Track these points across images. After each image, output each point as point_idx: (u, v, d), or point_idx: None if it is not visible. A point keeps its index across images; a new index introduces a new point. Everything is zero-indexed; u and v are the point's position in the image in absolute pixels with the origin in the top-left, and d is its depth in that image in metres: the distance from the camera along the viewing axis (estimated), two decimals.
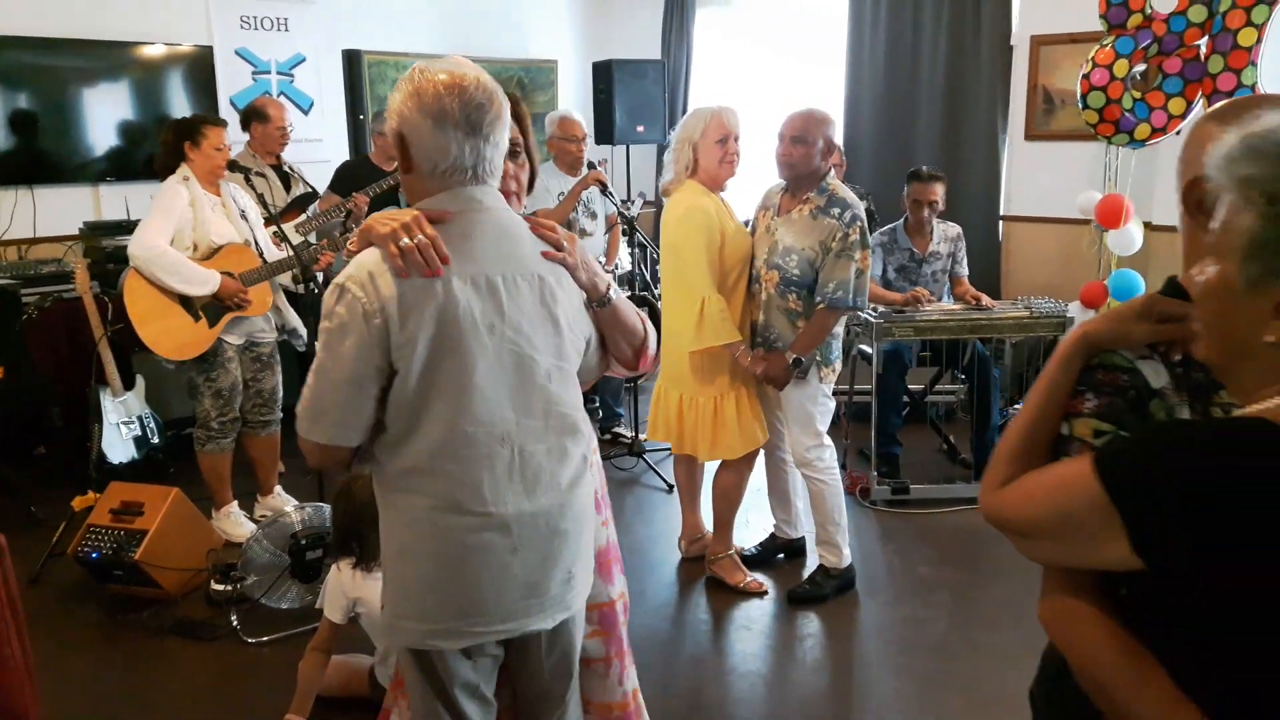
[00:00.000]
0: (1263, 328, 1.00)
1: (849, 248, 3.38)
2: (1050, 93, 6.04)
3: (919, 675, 3.21)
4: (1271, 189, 0.98)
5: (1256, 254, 0.99)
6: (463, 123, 1.67)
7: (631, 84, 6.80)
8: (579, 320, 1.87)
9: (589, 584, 1.96)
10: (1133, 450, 1.07)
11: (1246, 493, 0.95)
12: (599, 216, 5.16)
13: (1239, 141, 1.02)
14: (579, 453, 1.87)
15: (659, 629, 3.51)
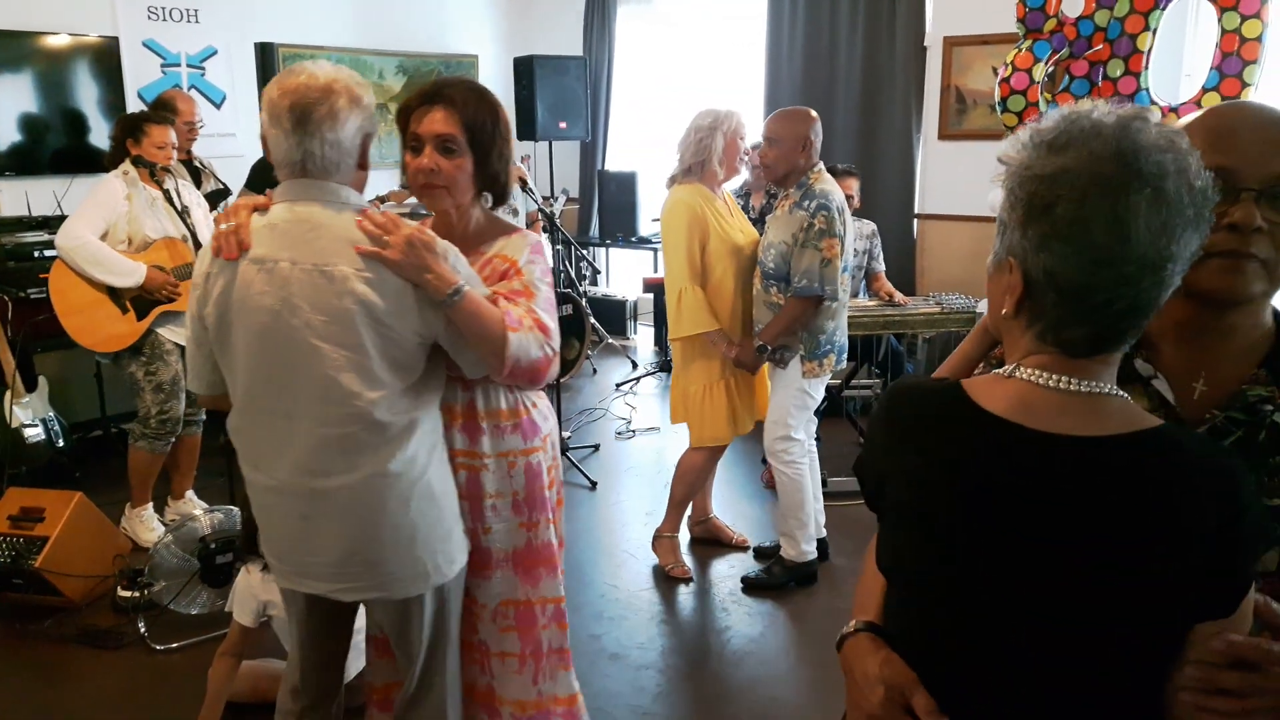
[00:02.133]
0: (1003, 302, 1.10)
1: (813, 237, 3.45)
2: (963, 93, 6.19)
3: (833, 665, 3.25)
4: (1010, 171, 1.07)
5: (999, 230, 1.10)
6: (289, 121, 1.83)
7: (553, 80, 6.78)
8: (405, 317, 1.87)
9: (420, 575, 2.01)
10: (884, 394, 1.24)
11: (904, 432, 1.14)
12: (520, 214, 5.14)
13: (1022, 132, 1.09)
14: (387, 449, 1.91)
15: (578, 627, 3.51)
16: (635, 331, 7.67)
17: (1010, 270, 1.07)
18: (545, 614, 2.30)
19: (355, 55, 6.87)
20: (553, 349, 2.00)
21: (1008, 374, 1.10)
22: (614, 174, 7.68)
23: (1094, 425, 1.05)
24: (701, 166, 3.64)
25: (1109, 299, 1.02)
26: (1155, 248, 1.00)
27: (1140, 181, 0.99)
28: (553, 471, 2.30)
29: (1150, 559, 1.01)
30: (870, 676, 1.15)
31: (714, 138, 3.60)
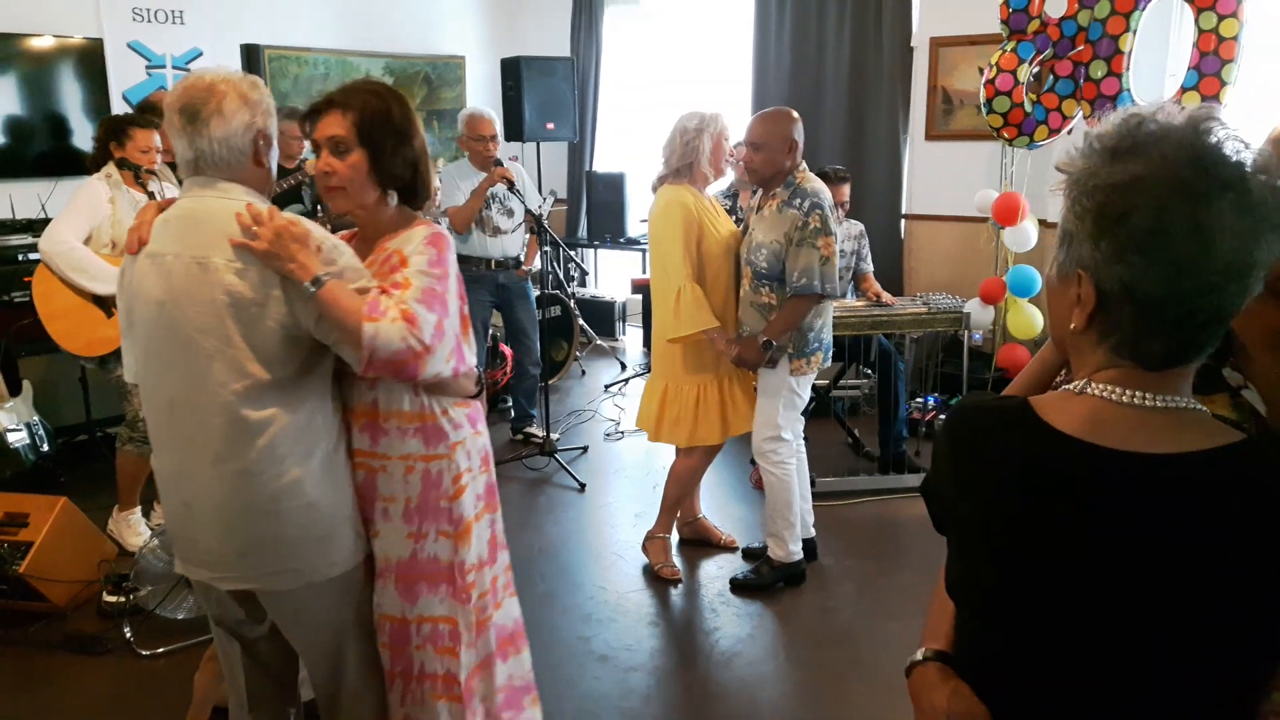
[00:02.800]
0: (1070, 316, 1.06)
1: (809, 235, 3.45)
2: (949, 93, 6.20)
3: (823, 665, 3.27)
4: (1073, 180, 1.04)
5: (1062, 242, 1.06)
6: (179, 121, 1.93)
7: (541, 81, 6.77)
8: (272, 309, 1.90)
9: (289, 571, 2.02)
10: (951, 411, 1.19)
11: (973, 453, 1.11)
12: (516, 214, 5.13)
13: (1081, 139, 1.06)
14: (252, 444, 1.93)
15: (566, 629, 3.51)
16: (624, 333, 7.67)
17: (1080, 283, 1.03)
18: (420, 634, 2.20)
19: (342, 57, 6.85)
20: (419, 340, 1.91)
21: (1078, 390, 1.06)
22: (602, 175, 7.68)
23: (1171, 442, 1.01)
24: (689, 169, 3.64)
25: (1191, 310, 0.98)
26: (1240, 255, 0.96)
27: (1221, 186, 0.95)
28: (461, 482, 2.18)
29: (1236, 579, 0.97)
30: (938, 710, 1.13)
31: (701, 140, 3.60)
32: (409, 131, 2.07)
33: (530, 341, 5.30)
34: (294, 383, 1.97)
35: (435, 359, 1.96)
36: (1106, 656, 1.02)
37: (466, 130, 4.98)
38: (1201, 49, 4.25)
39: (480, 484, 2.26)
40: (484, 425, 2.29)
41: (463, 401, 2.20)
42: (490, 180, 4.87)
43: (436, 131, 7.54)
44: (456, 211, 4.93)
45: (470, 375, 2.17)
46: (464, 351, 2.09)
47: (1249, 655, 1.00)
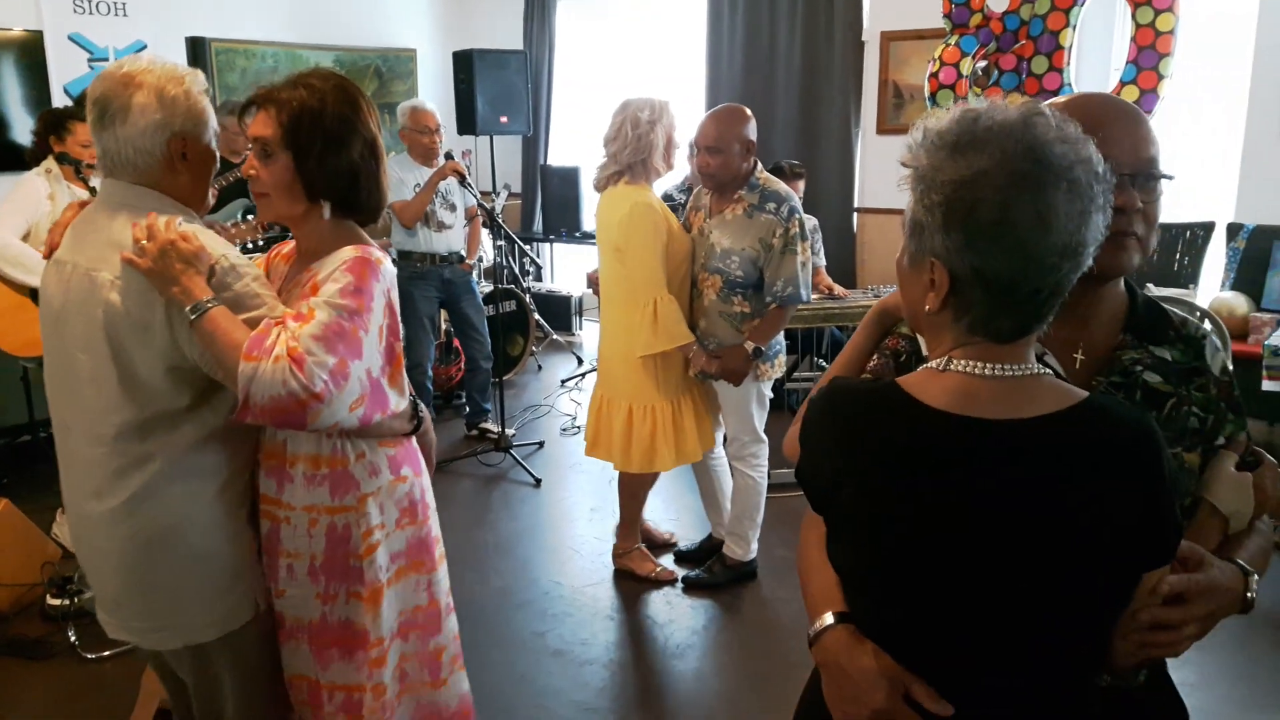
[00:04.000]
0: (924, 299, 1.14)
1: (791, 241, 3.33)
2: (900, 87, 6.26)
3: (775, 655, 3.30)
4: (919, 175, 1.10)
5: (911, 233, 1.14)
6: (91, 115, 1.80)
7: (493, 74, 6.71)
8: (152, 333, 1.72)
9: (165, 628, 1.84)
10: (816, 397, 1.25)
11: (852, 435, 1.15)
12: (458, 209, 5.10)
13: (916, 134, 1.13)
14: (122, 483, 1.75)
15: (521, 625, 3.50)
16: (581, 327, 7.66)
17: (933, 270, 1.11)
18: (333, 702, 1.94)
19: (291, 50, 6.76)
20: (303, 387, 1.62)
21: (941, 368, 1.14)
22: (556, 169, 7.65)
23: (1032, 406, 1.11)
24: (643, 165, 3.42)
25: (1036, 288, 1.07)
26: (1074, 235, 1.06)
27: (1055, 176, 1.04)
28: (372, 539, 1.90)
29: (1099, 522, 1.08)
30: (869, 670, 1.15)
31: (655, 132, 3.39)
32: (344, 136, 1.80)
33: (480, 335, 5.27)
34: (182, 417, 1.77)
35: (331, 407, 1.68)
36: (995, 617, 1.11)
37: (409, 123, 4.94)
38: (1139, 43, 4.33)
39: (400, 540, 1.97)
40: (414, 467, 2.01)
41: (391, 441, 1.95)
42: (442, 173, 4.84)
43: (388, 125, 7.46)
44: (405, 206, 4.89)
45: (402, 414, 1.92)
46: (386, 396, 1.82)
47: (1114, 585, 1.13)
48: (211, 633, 1.85)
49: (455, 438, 5.44)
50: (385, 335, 1.82)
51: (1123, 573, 1.13)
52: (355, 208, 1.88)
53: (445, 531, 4.34)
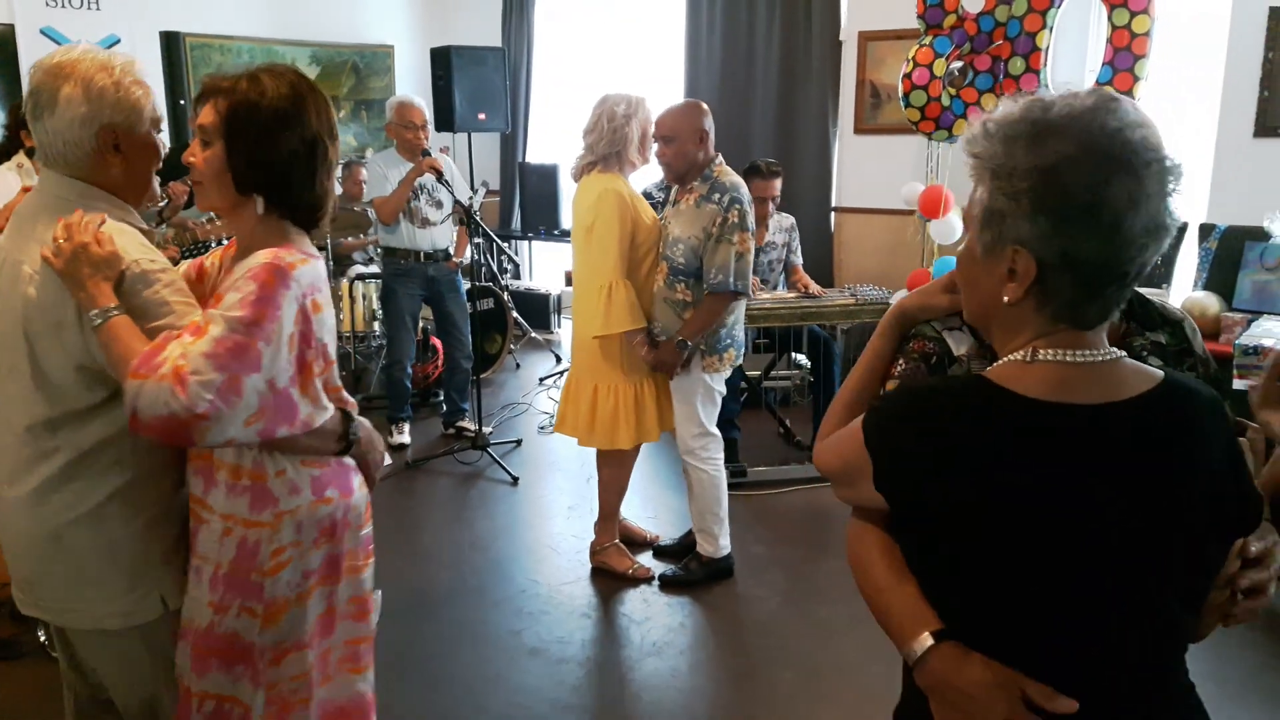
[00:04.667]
0: (1000, 290, 1.14)
1: (727, 231, 3.41)
2: (877, 87, 6.29)
3: (752, 652, 3.31)
4: (994, 165, 1.10)
5: (988, 223, 1.13)
6: (27, 104, 1.76)
7: (471, 70, 6.70)
8: (64, 331, 1.72)
9: (69, 611, 1.86)
10: (883, 402, 1.24)
11: (949, 434, 1.12)
12: (445, 206, 5.08)
13: (978, 126, 1.14)
14: (44, 468, 1.77)
15: (497, 623, 3.49)
16: (559, 325, 7.65)
17: (1013, 259, 1.10)
18: (202, 710, 1.89)
19: (266, 45, 6.72)
20: (185, 407, 1.56)
21: (1028, 359, 1.13)
22: (535, 166, 7.64)
23: (1123, 388, 1.13)
24: (617, 157, 3.53)
25: (1124, 271, 1.09)
26: (1157, 217, 1.07)
27: (1141, 159, 1.06)
28: (281, 558, 1.83)
29: (1201, 494, 1.13)
30: (985, 683, 1.10)
31: (630, 126, 3.50)
32: (278, 130, 1.74)
33: (461, 334, 5.26)
34: (91, 414, 1.76)
35: (220, 425, 1.61)
36: (1108, 603, 1.11)
37: (396, 117, 4.92)
38: (1115, 45, 4.37)
39: (315, 559, 1.89)
40: (342, 489, 1.91)
41: (316, 460, 1.87)
42: (417, 170, 4.82)
43: (365, 121, 7.44)
44: (383, 202, 4.87)
45: (328, 433, 1.84)
46: (294, 408, 1.72)
47: (1208, 570, 1.17)
48: (115, 622, 1.84)
49: (432, 436, 5.42)
50: (296, 344, 1.71)
51: (1221, 543, 1.16)
52: (288, 206, 1.81)
53: (421, 530, 4.35)
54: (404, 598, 3.61)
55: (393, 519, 4.39)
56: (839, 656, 3.25)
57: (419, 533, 4.27)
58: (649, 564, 3.90)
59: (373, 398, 5.80)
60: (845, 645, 3.31)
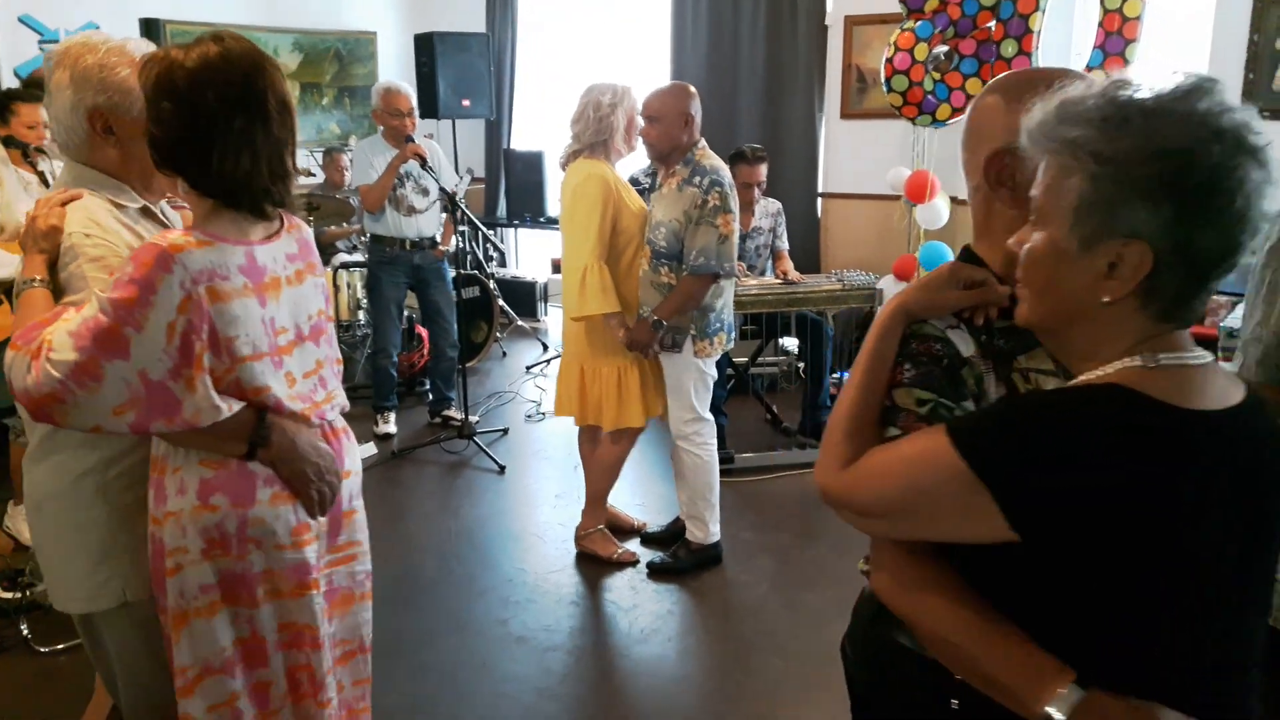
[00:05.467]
0: (1097, 288, 1.04)
1: (708, 213, 3.41)
2: (863, 72, 6.26)
3: (740, 638, 3.30)
4: (1096, 148, 1.01)
5: (1087, 213, 1.02)
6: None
7: (455, 57, 6.65)
8: None
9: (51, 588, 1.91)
10: (992, 426, 1.07)
11: (1110, 455, 0.98)
12: (431, 193, 5.04)
13: (1057, 108, 1.05)
14: (34, 435, 1.83)
15: (484, 612, 3.48)
16: (546, 313, 7.62)
17: (1120, 253, 1.01)
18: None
19: (248, 31, 6.63)
20: (37, 384, 1.53)
21: (1150, 364, 1.04)
22: (520, 153, 7.59)
23: (1228, 393, 1.07)
24: (604, 145, 3.56)
25: (1234, 262, 1.02)
26: (1264, 202, 1.01)
27: (1249, 142, 1.00)
28: (174, 560, 1.74)
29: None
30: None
31: (616, 115, 3.53)
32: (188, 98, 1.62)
33: (447, 323, 5.23)
34: None
35: (78, 409, 1.55)
36: (1235, 613, 1.08)
37: (382, 104, 4.87)
38: (1106, 29, 4.35)
39: (208, 573, 1.76)
40: (235, 497, 1.75)
41: (214, 461, 1.74)
42: (402, 157, 4.78)
43: (348, 109, 7.38)
44: (369, 189, 4.83)
45: (226, 433, 1.71)
46: (176, 404, 1.62)
47: None
48: (75, 606, 1.85)
49: (418, 425, 5.40)
50: (178, 334, 1.60)
51: None
52: (198, 180, 1.69)
53: (407, 519, 4.33)
54: (390, 587, 3.60)
55: (378, 508, 4.36)
56: (827, 643, 3.25)
57: (405, 522, 4.25)
58: (636, 551, 3.88)
59: (358, 387, 5.77)
60: (833, 631, 3.28)
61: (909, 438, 1.14)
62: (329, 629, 1.92)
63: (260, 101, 1.67)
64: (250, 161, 1.67)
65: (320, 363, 1.92)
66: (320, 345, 1.92)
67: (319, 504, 1.83)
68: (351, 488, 1.98)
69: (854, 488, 1.16)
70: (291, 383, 1.81)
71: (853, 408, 1.22)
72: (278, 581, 1.80)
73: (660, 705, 2.97)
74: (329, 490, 1.84)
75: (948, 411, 1.18)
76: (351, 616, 2.03)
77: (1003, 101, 1.26)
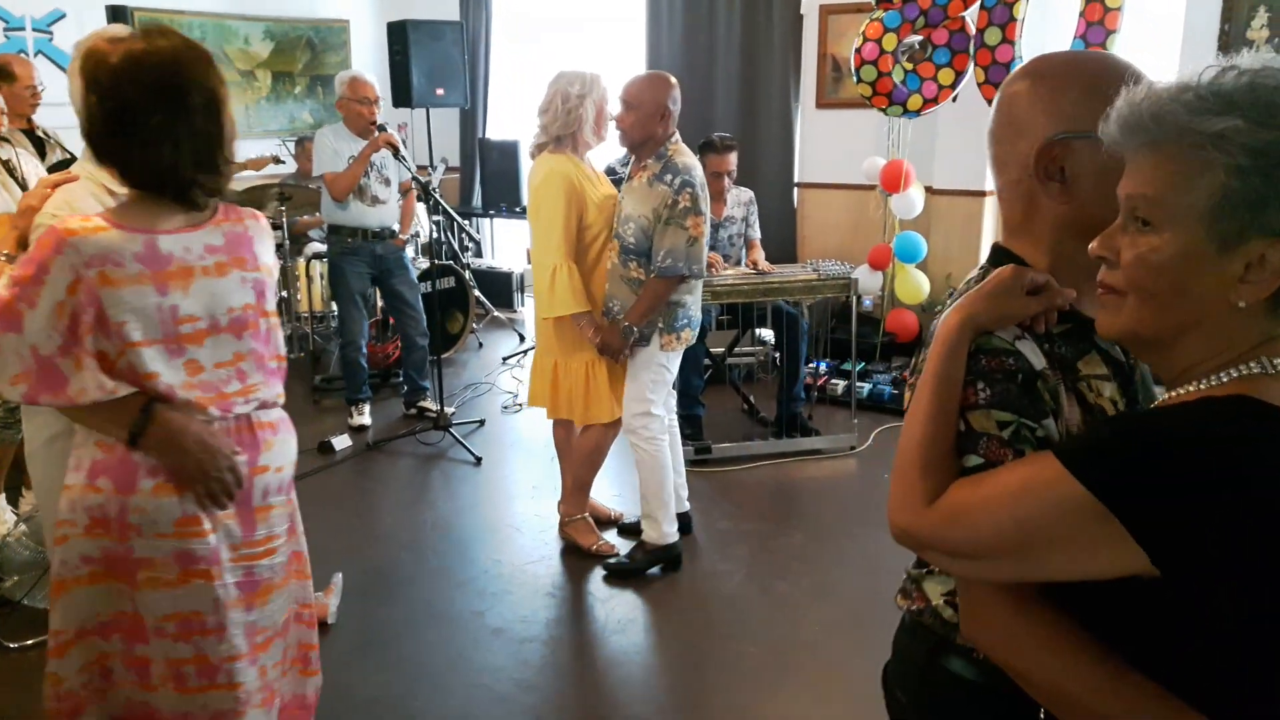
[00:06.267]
0: (1229, 292, 0.95)
1: (678, 214, 3.34)
2: (838, 61, 6.26)
3: (715, 627, 3.31)
4: (1245, 141, 0.91)
5: (1231, 212, 0.93)
6: None
7: (429, 45, 6.58)
8: None
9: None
10: (1113, 448, 0.96)
11: (1247, 472, 0.90)
12: (393, 183, 5.00)
13: (1178, 98, 0.95)
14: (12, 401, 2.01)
15: (461, 604, 3.47)
16: (522, 304, 7.59)
17: (1267, 253, 0.93)
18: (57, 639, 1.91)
19: (219, 20, 6.57)
20: None
21: (1272, 371, 0.96)
22: (495, 142, 7.55)
23: None
24: (573, 137, 3.51)
25: None
26: None
27: None
28: (61, 531, 1.81)
29: None
30: None
31: (584, 106, 3.46)
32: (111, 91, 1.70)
33: (414, 312, 5.19)
34: None
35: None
36: None
37: (347, 92, 4.83)
38: (1088, 18, 4.38)
39: (91, 548, 1.81)
40: (120, 483, 1.80)
41: (106, 443, 1.81)
42: (375, 145, 4.74)
43: (321, 98, 7.31)
44: (336, 178, 4.79)
45: (106, 417, 1.76)
46: (63, 381, 1.69)
47: None
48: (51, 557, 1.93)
49: (393, 417, 5.37)
50: (66, 314, 1.68)
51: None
52: (124, 172, 1.76)
53: (383, 511, 4.31)
54: (365, 579, 3.58)
55: (355, 500, 4.35)
56: (802, 631, 3.26)
57: (380, 514, 4.23)
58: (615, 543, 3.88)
59: (332, 379, 5.73)
60: (808, 620, 3.32)
61: (1007, 468, 1.03)
62: (246, 617, 1.93)
63: (180, 96, 1.71)
64: (172, 154, 1.72)
65: (240, 355, 1.90)
66: (244, 339, 1.90)
67: (210, 498, 1.83)
68: (272, 483, 1.97)
69: (946, 527, 1.04)
70: (195, 371, 1.83)
71: (926, 438, 1.09)
72: (159, 569, 1.82)
73: (636, 694, 2.97)
74: (220, 487, 1.84)
75: (1030, 433, 1.07)
76: (271, 603, 2.00)
77: (1038, 88, 1.18)
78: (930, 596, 1.28)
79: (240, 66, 6.86)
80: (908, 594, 1.33)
